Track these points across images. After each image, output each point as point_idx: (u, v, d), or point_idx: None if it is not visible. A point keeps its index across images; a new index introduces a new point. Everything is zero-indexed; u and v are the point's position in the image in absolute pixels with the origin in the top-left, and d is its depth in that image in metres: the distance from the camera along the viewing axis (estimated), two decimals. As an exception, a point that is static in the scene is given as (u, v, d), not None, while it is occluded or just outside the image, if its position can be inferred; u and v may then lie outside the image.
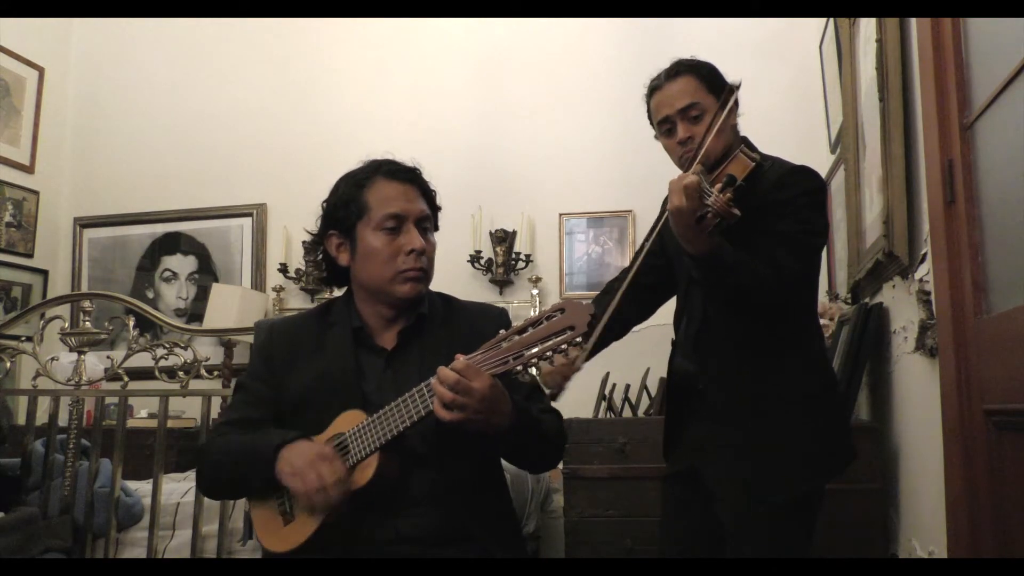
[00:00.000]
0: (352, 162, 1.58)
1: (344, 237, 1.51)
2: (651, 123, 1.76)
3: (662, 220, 1.64)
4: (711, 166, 1.60)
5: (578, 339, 1.22)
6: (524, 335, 1.27)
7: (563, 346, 1.23)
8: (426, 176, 1.57)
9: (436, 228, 1.57)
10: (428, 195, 1.55)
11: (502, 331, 1.31)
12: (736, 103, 1.69)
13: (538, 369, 1.29)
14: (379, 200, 1.48)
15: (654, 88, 1.73)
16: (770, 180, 1.60)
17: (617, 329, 1.78)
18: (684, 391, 1.72)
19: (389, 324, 1.53)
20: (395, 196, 1.48)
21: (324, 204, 1.55)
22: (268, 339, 1.58)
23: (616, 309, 1.64)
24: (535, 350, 1.25)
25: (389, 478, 1.38)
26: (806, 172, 1.64)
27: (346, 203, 1.50)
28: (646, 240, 1.75)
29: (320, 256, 1.58)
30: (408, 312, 1.52)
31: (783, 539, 1.57)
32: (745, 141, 1.67)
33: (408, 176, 1.51)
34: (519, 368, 1.27)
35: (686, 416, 1.72)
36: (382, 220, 1.47)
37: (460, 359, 1.29)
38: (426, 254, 1.49)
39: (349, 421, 1.41)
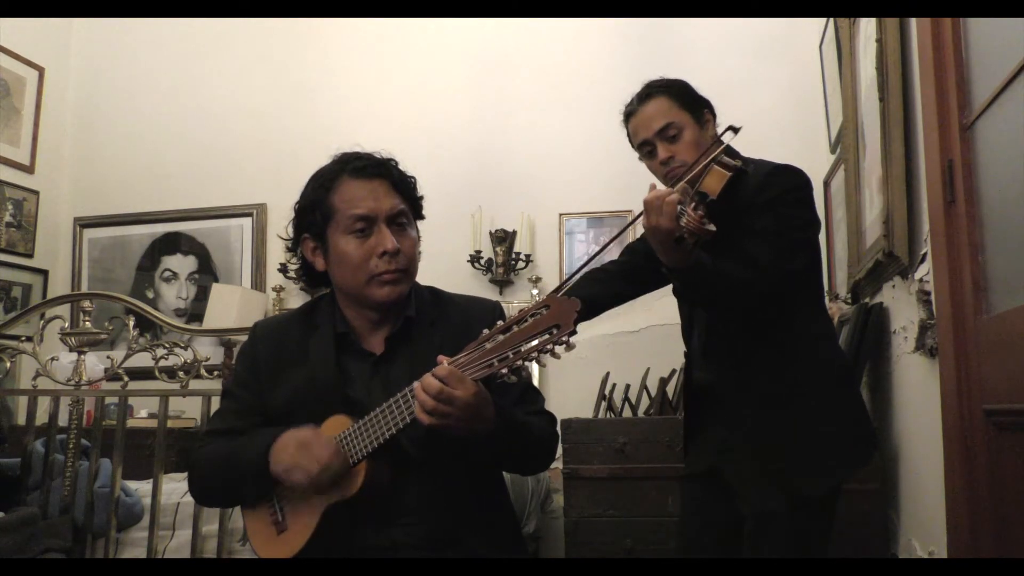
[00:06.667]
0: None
1: (317, 241, 1.45)
2: (632, 146, 1.79)
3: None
4: (693, 180, 1.62)
5: (564, 338, 1.18)
6: (509, 334, 1.22)
7: (549, 345, 1.18)
8: (423, 173, 1.51)
9: (420, 217, 1.50)
10: (402, 187, 1.45)
11: (486, 331, 1.25)
12: (714, 114, 1.74)
13: (525, 371, 1.26)
14: (345, 202, 1.41)
15: (629, 113, 1.76)
16: (753, 183, 1.62)
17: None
18: (701, 396, 1.74)
19: (375, 327, 1.47)
20: (362, 196, 1.41)
21: (296, 206, 1.49)
22: (252, 344, 1.54)
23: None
24: (520, 350, 1.21)
25: (380, 485, 1.35)
26: (787, 170, 1.65)
27: (313, 207, 1.43)
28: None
29: (298, 260, 1.52)
30: (394, 314, 1.47)
31: (805, 534, 1.57)
32: (726, 149, 1.67)
33: (376, 171, 1.43)
34: (504, 371, 1.22)
35: (705, 419, 1.73)
36: (350, 223, 1.40)
37: (444, 364, 1.25)
38: (403, 252, 1.41)
39: (335, 427, 1.37)
